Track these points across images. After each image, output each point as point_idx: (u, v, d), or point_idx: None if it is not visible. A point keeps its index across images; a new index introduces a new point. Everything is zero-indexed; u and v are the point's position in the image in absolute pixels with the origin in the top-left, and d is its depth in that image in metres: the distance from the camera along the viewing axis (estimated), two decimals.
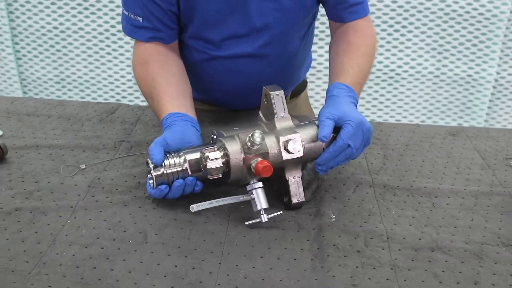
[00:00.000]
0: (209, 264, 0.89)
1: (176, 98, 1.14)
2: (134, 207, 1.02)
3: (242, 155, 0.95)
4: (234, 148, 0.95)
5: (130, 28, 1.21)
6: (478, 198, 1.08)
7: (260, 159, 0.93)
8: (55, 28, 3.02)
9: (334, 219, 1.00)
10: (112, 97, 3.16)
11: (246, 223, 0.96)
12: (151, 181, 0.99)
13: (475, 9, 2.73)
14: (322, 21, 2.63)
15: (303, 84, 1.54)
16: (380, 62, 2.95)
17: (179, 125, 1.07)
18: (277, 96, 1.01)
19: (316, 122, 1.05)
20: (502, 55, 2.88)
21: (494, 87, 2.97)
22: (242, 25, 1.19)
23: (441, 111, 3.05)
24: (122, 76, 3.02)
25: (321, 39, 2.82)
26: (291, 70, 1.36)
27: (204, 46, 1.25)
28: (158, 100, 1.14)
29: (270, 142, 0.97)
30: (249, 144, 0.94)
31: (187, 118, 1.10)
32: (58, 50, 3.18)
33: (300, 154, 0.98)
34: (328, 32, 1.86)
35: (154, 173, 0.97)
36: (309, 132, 1.01)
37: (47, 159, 1.17)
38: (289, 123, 1.02)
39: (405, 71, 2.97)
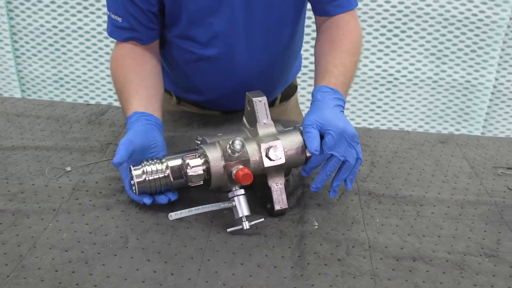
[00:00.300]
0: (189, 270, 0.88)
1: (144, 99, 1.13)
2: (117, 211, 1.02)
3: (223, 163, 0.94)
4: (214, 156, 0.95)
5: (111, 28, 1.21)
6: (464, 207, 1.08)
7: (240, 167, 0.93)
8: (54, 27, 3.02)
9: (316, 227, 0.99)
10: (110, 96, 3.16)
11: (228, 230, 0.96)
12: (133, 187, 0.98)
13: (474, 14, 2.72)
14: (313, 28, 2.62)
15: (293, 89, 1.54)
16: (378, 67, 2.94)
17: (142, 124, 1.06)
18: (260, 103, 1.01)
19: (301, 128, 1.04)
20: (501, 61, 2.87)
21: (492, 93, 2.96)
22: (229, 23, 1.19)
23: (439, 116, 3.04)
24: None
25: (312, 46, 2.81)
26: (280, 69, 1.35)
27: (191, 45, 1.24)
28: (126, 98, 1.13)
29: (252, 149, 0.97)
30: (229, 151, 0.94)
31: (151, 118, 1.09)
32: (57, 49, 3.18)
33: (282, 161, 0.97)
34: None
35: (136, 180, 0.97)
36: (292, 138, 1.00)
37: (33, 160, 1.17)
38: (271, 129, 1.01)
39: (403, 76, 2.96)
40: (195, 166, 0.94)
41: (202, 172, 0.95)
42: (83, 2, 2.84)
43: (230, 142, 0.93)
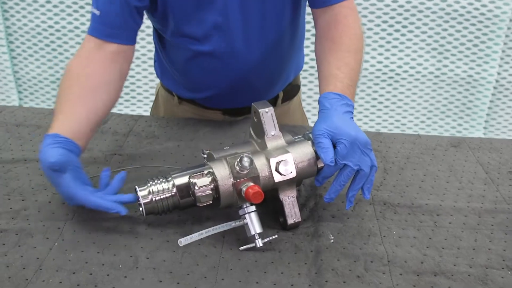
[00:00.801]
0: None
1: (72, 121, 1.04)
2: (125, 228, 0.98)
3: (232, 180, 0.91)
4: (222, 174, 0.91)
5: (92, 25, 1.14)
6: (482, 216, 1.04)
7: (250, 184, 0.89)
8: (50, 27, 2.98)
9: (332, 240, 0.96)
10: None
11: (241, 248, 0.93)
12: (140, 209, 0.95)
13: (477, 9, 2.68)
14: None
15: (295, 88, 1.50)
16: (379, 62, 2.91)
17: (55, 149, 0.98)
18: (267, 114, 0.97)
19: (310, 135, 1.01)
20: (504, 56, 2.84)
21: (495, 88, 2.93)
22: (224, 15, 1.16)
23: (441, 111, 3.01)
24: None
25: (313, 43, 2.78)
26: (279, 62, 1.32)
27: (188, 42, 1.21)
28: (56, 112, 1.05)
29: (261, 164, 0.93)
30: (238, 168, 0.90)
31: (67, 145, 0.99)
32: (53, 49, 3.14)
33: (293, 175, 0.94)
34: None
35: (142, 201, 0.93)
36: (302, 150, 0.97)
37: (35, 174, 1.13)
38: (280, 141, 0.97)
39: (405, 71, 2.93)
40: (203, 186, 0.90)
41: (210, 192, 0.91)
42: (79, 1, 2.80)
43: (238, 159, 0.89)
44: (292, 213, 0.97)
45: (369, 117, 3.08)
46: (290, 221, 0.97)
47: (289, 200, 0.96)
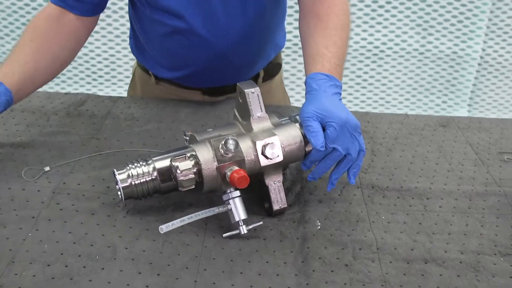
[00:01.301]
0: (184, 282, 0.81)
1: (8, 66, 1.06)
2: (103, 216, 0.93)
3: (215, 164, 0.86)
4: (206, 157, 0.86)
5: None
6: (473, 199, 1.02)
7: (235, 168, 0.85)
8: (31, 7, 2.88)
9: (319, 227, 0.93)
10: (100, 69, 3.04)
11: (224, 235, 0.89)
12: (119, 193, 0.90)
13: None
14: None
15: (277, 67, 1.45)
16: (363, 39, 2.87)
17: None
18: (253, 94, 0.92)
19: (297, 118, 0.97)
20: (488, 32, 2.81)
21: (479, 64, 2.91)
22: None
23: (426, 88, 2.99)
24: (103, 58, 2.90)
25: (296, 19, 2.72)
26: (259, 39, 1.26)
27: (165, 16, 1.17)
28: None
29: (246, 147, 0.89)
30: (222, 151, 0.85)
31: None
32: None
33: (280, 159, 0.89)
34: None
35: (121, 185, 0.88)
36: (289, 133, 0.92)
37: (8, 160, 1.08)
38: (266, 123, 0.93)
39: (389, 48, 2.89)
40: (185, 169, 0.86)
41: (193, 176, 0.86)
42: None
43: (223, 142, 0.85)
44: (278, 198, 0.93)
45: (354, 95, 3.05)
46: (276, 207, 0.93)
47: (274, 185, 0.93)
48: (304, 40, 1.10)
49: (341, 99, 0.99)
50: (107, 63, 2.99)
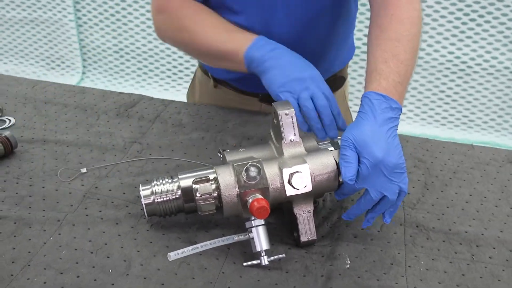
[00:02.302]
0: None
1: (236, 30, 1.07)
2: (126, 227, 0.91)
3: (236, 190, 0.81)
4: (227, 181, 0.81)
5: None
6: None
7: (258, 196, 0.79)
8: None
9: (348, 266, 0.85)
10: (169, 70, 3.09)
11: (244, 264, 0.83)
12: (141, 209, 0.87)
13: None
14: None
15: (340, 80, 1.35)
16: (451, 53, 2.71)
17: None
18: (286, 116, 0.85)
19: (339, 142, 0.89)
20: None
21: None
22: None
23: None
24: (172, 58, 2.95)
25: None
26: (321, 47, 1.19)
27: (226, 12, 1.12)
28: (224, 33, 1.07)
29: (273, 174, 0.82)
30: (244, 177, 0.80)
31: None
32: (118, 20, 3.14)
33: (308, 189, 0.83)
34: None
35: (144, 202, 0.85)
36: (322, 161, 0.85)
37: (50, 157, 1.09)
38: (299, 149, 0.86)
39: (478, 64, 2.71)
40: (205, 193, 0.81)
41: (213, 201, 0.81)
42: None
43: (245, 168, 0.79)
44: (307, 229, 0.87)
45: (435, 110, 2.90)
46: (304, 238, 0.87)
47: (304, 215, 0.86)
48: (368, 52, 1.01)
49: (393, 128, 0.88)
50: (169, 66, 3.03)
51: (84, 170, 1.04)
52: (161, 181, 0.86)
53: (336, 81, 1.35)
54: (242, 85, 1.30)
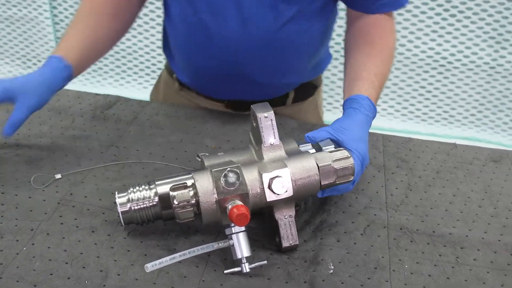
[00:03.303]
0: None
1: (67, 41, 1.07)
2: (102, 235, 0.88)
3: (215, 196, 0.78)
4: (205, 188, 0.78)
5: None
6: None
7: (237, 203, 0.76)
8: None
9: (331, 271, 0.83)
10: (148, 67, 3.04)
11: (225, 271, 0.81)
12: (118, 217, 0.84)
13: None
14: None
15: (311, 88, 1.33)
16: (431, 48, 2.71)
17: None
18: (266, 119, 0.83)
19: (320, 144, 0.88)
20: None
21: None
22: None
23: (494, 105, 2.79)
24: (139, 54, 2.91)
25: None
26: (290, 53, 1.14)
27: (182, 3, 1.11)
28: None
29: (252, 179, 0.80)
30: (223, 183, 0.77)
31: (54, 62, 1.02)
32: None
33: (289, 194, 0.80)
34: None
35: (120, 209, 0.83)
36: (303, 164, 0.82)
37: (23, 163, 1.05)
38: (279, 152, 0.84)
39: (458, 60, 2.71)
40: (182, 201, 0.78)
41: (191, 208, 0.79)
42: None
43: (223, 174, 0.77)
44: (289, 234, 0.84)
45: (416, 106, 2.90)
46: (286, 244, 0.84)
47: (285, 220, 0.84)
48: (353, 63, 1.06)
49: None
50: (154, 61, 2.99)
51: (58, 176, 1.01)
52: (137, 187, 0.83)
53: (307, 90, 1.32)
54: (204, 90, 1.27)
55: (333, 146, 0.88)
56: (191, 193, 0.79)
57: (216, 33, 1.09)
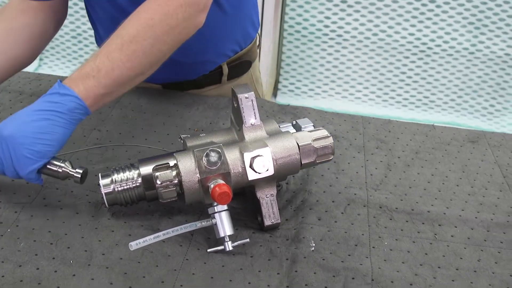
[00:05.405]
0: None
1: None
2: (86, 216, 0.89)
3: (197, 176, 0.79)
4: (187, 168, 0.79)
5: None
6: (491, 230, 0.91)
7: (219, 182, 0.78)
8: None
9: (313, 249, 0.85)
10: None
11: (208, 250, 0.82)
12: (102, 199, 0.85)
13: None
14: None
15: (245, 64, 1.31)
16: (411, 34, 2.73)
17: None
18: (246, 99, 0.84)
19: (300, 123, 0.89)
20: None
21: None
22: None
23: (473, 90, 2.84)
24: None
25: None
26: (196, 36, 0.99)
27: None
28: None
29: (234, 159, 0.81)
30: (205, 163, 0.78)
31: None
32: (75, 4, 3.05)
33: (270, 173, 0.82)
34: None
35: (104, 191, 0.83)
36: (284, 144, 0.84)
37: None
38: (260, 132, 0.85)
39: (438, 45, 2.74)
40: (166, 181, 0.79)
41: (173, 188, 0.80)
42: None
43: (205, 153, 0.78)
44: (270, 213, 0.86)
45: (396, 92, 2.92)
46: (268, 222, 0.86)
47: (267, 199, 0.85)
48: None
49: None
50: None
51: None
52: (121, 169, 0.84)
53: (241, 66, 1.31)
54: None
55: (312, 125, 0.89)
56: (174, 173, 0.80)
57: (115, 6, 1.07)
